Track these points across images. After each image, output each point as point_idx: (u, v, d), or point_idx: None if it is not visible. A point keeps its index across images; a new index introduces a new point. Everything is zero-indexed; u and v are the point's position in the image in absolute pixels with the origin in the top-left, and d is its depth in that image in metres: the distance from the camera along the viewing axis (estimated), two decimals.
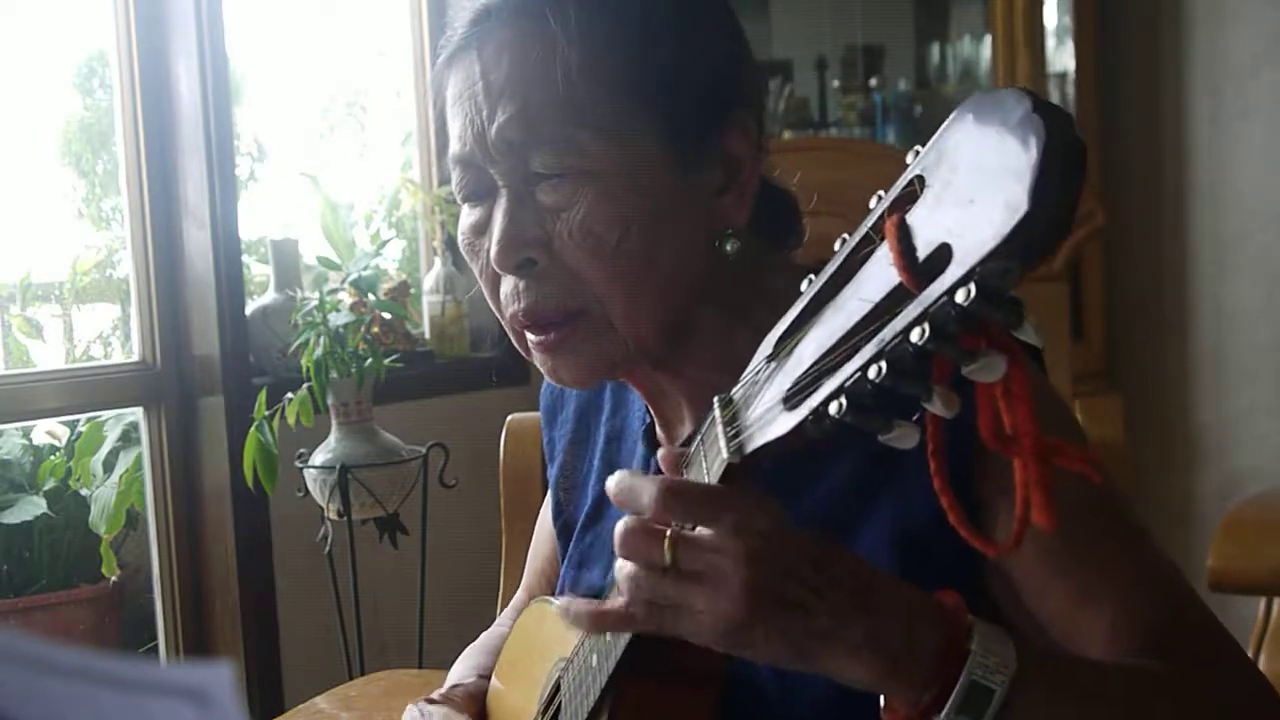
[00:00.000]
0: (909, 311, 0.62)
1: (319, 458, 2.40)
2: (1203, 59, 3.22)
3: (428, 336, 2.94)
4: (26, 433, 3.01)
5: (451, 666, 1.29)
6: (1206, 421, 3.29)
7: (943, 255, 0.61)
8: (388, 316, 2.62)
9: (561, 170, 0.94)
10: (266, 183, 3.14)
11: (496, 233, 0.96)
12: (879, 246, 0.66)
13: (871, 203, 0.68)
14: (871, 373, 0.64)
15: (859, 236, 0.69)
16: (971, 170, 0.61)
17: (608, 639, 0.88)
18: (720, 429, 0.76)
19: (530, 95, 0.94)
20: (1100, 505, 0.91)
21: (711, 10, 1.01)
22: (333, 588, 2.44)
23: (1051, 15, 3.39)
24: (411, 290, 2.89)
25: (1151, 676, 0.84)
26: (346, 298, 2.46)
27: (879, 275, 0.65)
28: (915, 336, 0.61)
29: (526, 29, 0.95)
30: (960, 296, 0.59)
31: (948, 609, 0.76)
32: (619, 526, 0.77)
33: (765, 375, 0.74)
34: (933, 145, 0.65)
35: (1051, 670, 0.78)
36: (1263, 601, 1.52)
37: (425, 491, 2.49)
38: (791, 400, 0.69)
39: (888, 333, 0.63)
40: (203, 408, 2.58)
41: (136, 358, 2.61)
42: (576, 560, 1.15)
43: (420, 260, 3.11)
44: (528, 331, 0.99)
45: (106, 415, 2.85)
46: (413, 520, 2.49)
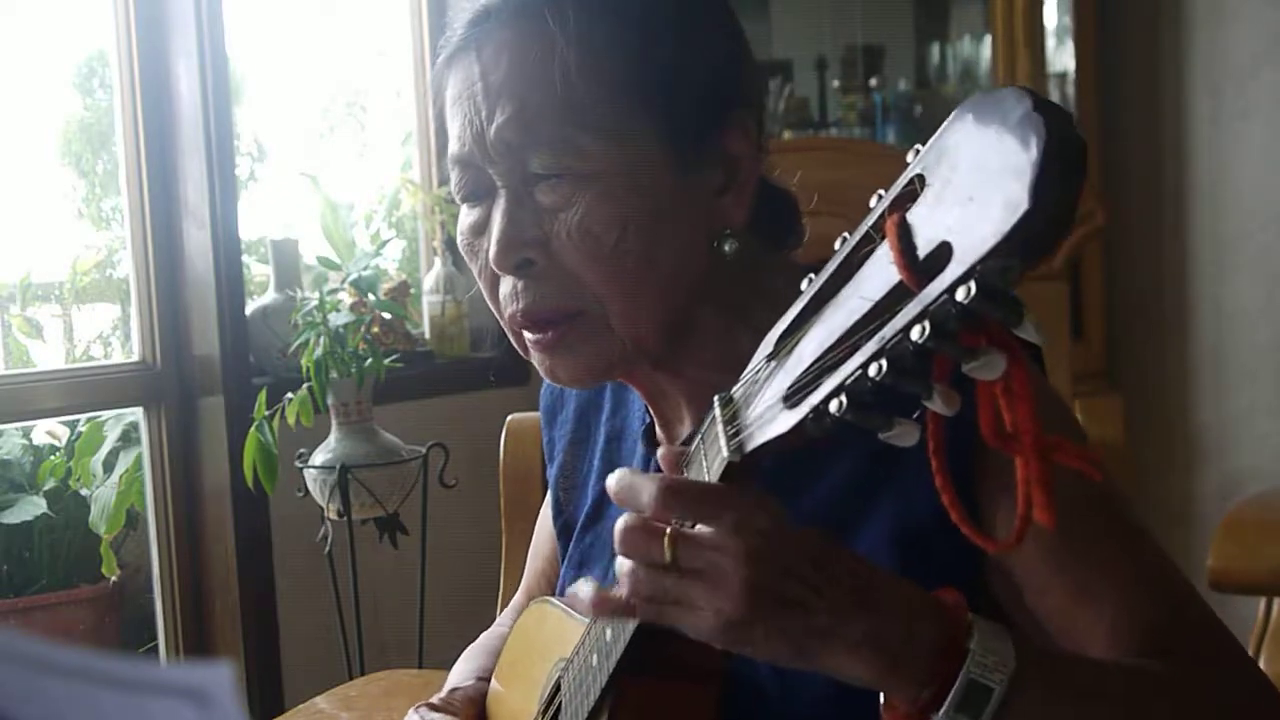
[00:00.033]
0: (909, 309, 0.62)
1: (319, 458, 2.40)
2: (1203, 59, 3.22)
3: (428, 336, 2.94)
4: (26, 433, 3.00)
5: (451, 667, 1.29)
6: (1206, 421, 3.28)
7: (943, 253, 0.61)
8: (388, 316, 2.62)
9: (560, 171, 0.94)
10: (266, 183, 3.14)
11: (495, 233, 0.96)
12: (879, 245, 0.66)
13: (872, 202, 0.68)
14: (872, 371, 0.64)
15: (859, 235, 0.69)
16: (972, 169, 0.61)
17: (608, 638, 0.88)
18: (720, 428, 0.76)
19: (529, 96, 0.94)
20: (1100, 504, 0.91)
21: (711, 10, 1.01)
22: (333, 588, 2.44)
23: (1051, 15, 3.38)
24: (411, 290, 2.89)
25: (1151, 675, 0.84)
26: (346, 298, 2.46)
27: (879, 274, 0.65)
28: (916, 334, 0.61)
29: (525, 30, 0.95)
30: (961, 294, 0.60)
31: (947, 607, 0.76)
32: (619, 524, 0.77)
33: (765, 374, 0.74)
34: (933, 144, 0.65)
35: (1050, 669, 0.78)
36: (1263, 601, 1.52)
37: (425, 491, 2.49)
38: (792, 399, 0.70)
39: (888, 331, 0.63)
40: (203, 408, 2.58)
41: (136, 358, 2.61)
42: (577, 560, 1.15)
43: (420, 260, 3.11)
44: (526, 331, 0.99)
45: (106, 415, 2.85)
46: (413, 520, 2.48)
